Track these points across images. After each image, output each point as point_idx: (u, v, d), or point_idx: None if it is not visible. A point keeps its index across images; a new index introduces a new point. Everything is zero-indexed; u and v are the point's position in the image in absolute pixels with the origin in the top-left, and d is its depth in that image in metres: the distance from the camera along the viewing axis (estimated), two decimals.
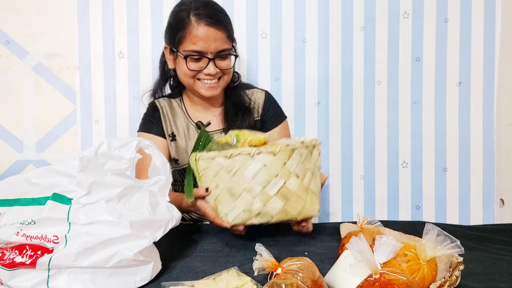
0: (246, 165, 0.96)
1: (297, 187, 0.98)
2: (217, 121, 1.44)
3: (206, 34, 1.28)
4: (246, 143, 1.04)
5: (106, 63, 1.75)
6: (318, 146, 1.07)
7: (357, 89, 1.77)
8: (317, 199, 1.04)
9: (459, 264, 0.84)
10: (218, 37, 1.29)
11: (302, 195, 0.99)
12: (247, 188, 0.96)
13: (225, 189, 0.98)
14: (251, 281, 0.83)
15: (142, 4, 1.73)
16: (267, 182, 0.96)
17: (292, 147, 0.99)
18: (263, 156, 0.96)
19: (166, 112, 1.45)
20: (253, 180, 0.96)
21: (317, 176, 1.06)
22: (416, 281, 0.81)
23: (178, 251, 1.09)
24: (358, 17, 1.74)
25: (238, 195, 0.97)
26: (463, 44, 1.74)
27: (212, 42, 1.29)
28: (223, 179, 0.97)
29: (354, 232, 0.98)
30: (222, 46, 1.30)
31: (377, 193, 1.80)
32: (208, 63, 1.30)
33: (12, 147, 1.74)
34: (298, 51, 1.75)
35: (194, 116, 1.45)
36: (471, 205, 1.79)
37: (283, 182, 0.96)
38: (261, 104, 1.47)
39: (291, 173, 0.97)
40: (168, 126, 1.44)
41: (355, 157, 1.78)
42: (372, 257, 0.80)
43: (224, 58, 1.32)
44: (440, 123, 1.77)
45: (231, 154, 0.96)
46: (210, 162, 0.99)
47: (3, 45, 1.72)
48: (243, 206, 0.98)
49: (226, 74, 1.36)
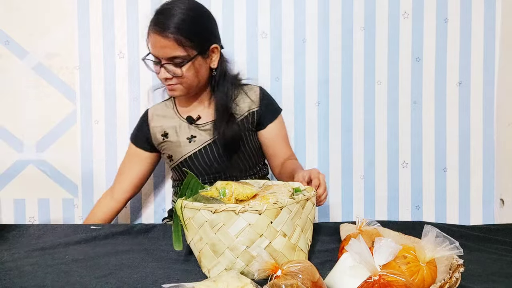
0: (230, 223, 0.91)
1: (283, 246, 0.94)
2: (209, 114, 1.50)
3: (154, 42, 1.35)
4: (232, 197, 0.98)
5: (106, 63, 1.75)
6: (312, 199, 1.02)
7: (357, 89, 1.77)
8: (304, 256, 1.00)
9: (459, 266, 0.85)
10: (165, 45, 1.33)
11: (288, 254, 0.95)
12: (230, 246, 0.92)
13: (209, 244, 0.94)
14: (251, 283, 0.83)
15: (142, 4, 1.73)
16: (251, 242, 0.91)
17: (280, 205, 0.93)
18: (248, 215, 0.90)
19: (156, 118, 1.53)
20: (236, 238, 0.91)
21: (308, 229, 1.02)
22: (415, 283, 0.81)
23: (176, 252, 1.10)
24: (358, 17, 1.74)
25: (221, 253, 0.93)
26: (463, 44, 1.74)
27: (159, 49, 1.35)
28: (207, 233, 0.93)
29: (353, 234, 0.98)
30: (172, 54, 1.34)
31: (377, 193, 1.80)
32: (160, 68, 1.37)
33: (12, 147, 1.75)
34: (298, 51, 1.75)
35: (185, 113, 1.51)
36: (471, 205, 1.79)
37: (268, 242, 0.92)
38: (256, 99, 1.51)
39: (277, 232, 0.92)
40: (159, 129, 1.51)
41: (355, 157, 1.78)
42: (371, 258, 0.80)
43: (178, 64, 1.35)
44: (440, 123, 1.77)
45: (216, 209, 0.91)
46: (195, 212, 0.94)
47: (3, 45, 1.72)
48: (226, 264, 0.93)
49: (183, 79, 1.38)
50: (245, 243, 0.91)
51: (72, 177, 1.76)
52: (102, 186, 1.75)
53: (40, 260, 1.07)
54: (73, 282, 0.94)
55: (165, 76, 1.37)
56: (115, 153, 1.76)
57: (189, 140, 1.48)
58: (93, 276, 0.97)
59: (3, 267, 1.03)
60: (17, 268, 1.02)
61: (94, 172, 1.76)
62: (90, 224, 1.34)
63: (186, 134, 1.48)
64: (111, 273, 0.99)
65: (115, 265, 1.03)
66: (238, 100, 1.49)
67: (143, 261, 1.06)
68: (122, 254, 1.11)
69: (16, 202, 1.77)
